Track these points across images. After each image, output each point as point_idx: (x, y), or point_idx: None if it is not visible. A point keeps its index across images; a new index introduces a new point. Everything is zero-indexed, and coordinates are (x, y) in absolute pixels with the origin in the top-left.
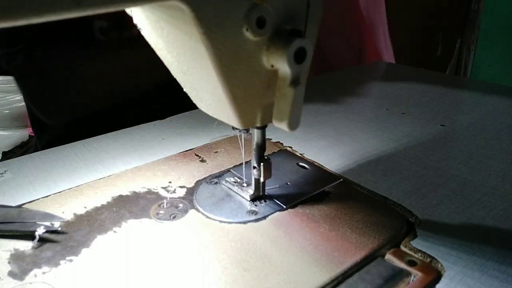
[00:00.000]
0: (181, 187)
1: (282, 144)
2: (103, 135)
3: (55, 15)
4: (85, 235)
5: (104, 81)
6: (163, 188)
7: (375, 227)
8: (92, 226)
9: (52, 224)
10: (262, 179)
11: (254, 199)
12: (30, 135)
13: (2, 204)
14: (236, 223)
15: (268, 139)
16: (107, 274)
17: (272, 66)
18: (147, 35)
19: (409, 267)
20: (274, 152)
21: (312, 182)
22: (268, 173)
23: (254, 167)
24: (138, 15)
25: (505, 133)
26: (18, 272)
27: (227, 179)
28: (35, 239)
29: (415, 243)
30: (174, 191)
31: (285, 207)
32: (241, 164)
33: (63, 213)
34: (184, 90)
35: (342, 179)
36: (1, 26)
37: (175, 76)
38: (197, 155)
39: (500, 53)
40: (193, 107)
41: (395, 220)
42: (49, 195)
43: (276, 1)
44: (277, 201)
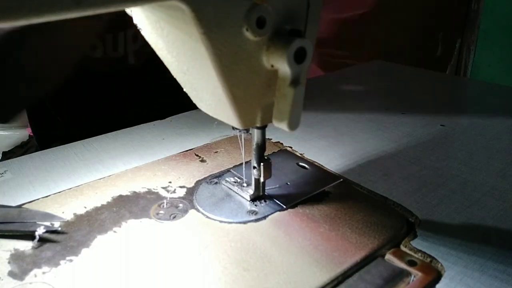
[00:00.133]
0: (181, 187)
1: (282, 144)
2: (103, 135)
3: (55, 15)
4: (85, 235)
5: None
6: (163, 188)
7: (375, 227)
8: (92, 226)
9: (52, 224)
10: (262, 179)
11: (254, 199)
12: (30, 135)
13: (2, 204)
14: (236, 223)
15: (268, 139)
16: (107, 274)
17: (272, 66)
18: (147, 35)
19: (409, 267)
20: (274, 152)
21: (312, 182)
22: (268, 173)
23: (254, 167)
24: (138, 15)
25: (505, 133)
26: (18, 272)
27: (227, 179)
28: (35, 239)
29: (415, 243)
30: (174, 191)
31: (285, 207)
32: (241, 164)
33: (63, 213)
34: (184, 90)
35: (342, 179)
36: (1, 26)
37: (175, 76)
38: (197, 155)
39: (500, 53)
40: (193, 107)
41: (395, 220)
42: (49, 195)
43: (276, 1)
44: (277, 201)
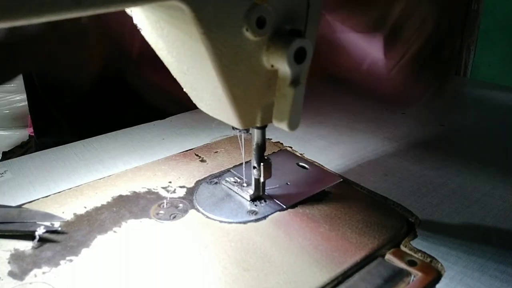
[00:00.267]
0: (181, 187)
1: (282, 144)
2: (103, 135)
3: (55, 15)
4: (85, 235)
5: None
6: (163, 188)
7: (375, 227)
8: (92, 226)
9: (52, 224)
10: (262, 179)
11: (254, 199)
12: (30, 135)
13: (2, 204)
14: (236, 223)
15: (268, 139)
16: (107, 274)
17: (272, 66)
18: (147, 35)
19: (409, 267)
20: (274, 152)
21: (312, 182)
22: (268, 173)
23: (254, 167)
24: (138, 15)
25: (505, 133)
26: (18, 272)
27: (227, 179)
28: (35, 239)
29: (415, 243)
30: (174, 191)
31: (285, 207)
32: (241, 164)
33: (63, 213)
34: (184, 90)
35: (342, 179)
36: (1, 26)
37: (175, 76)
38: (197, 155)
39: (500, 53)
40: (193, 107)
41: (395, 220)
42: (49, 195)
43: (276, 1)
44: (277, 201)
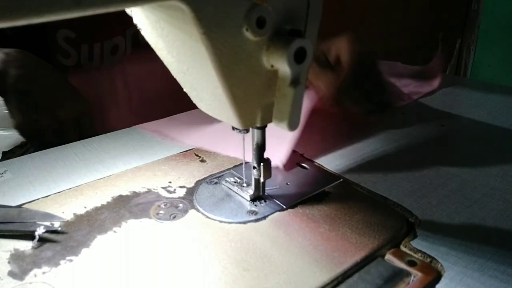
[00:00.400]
0: (181, 187)
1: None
2: (103, 135)
3: (55, 15)
4: (85, 235)
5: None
6: (163, 188)
7: (375, 227)
8: (92, 226)
9: (52, 224)
10: (262, 179)
11: (254, 199)
12: None
13: (2, 204)
14: (236, 223)
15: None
16: (107, 274)
17: (272, 66)
18: (147, 35)
19: (409, 267)
20: None
21: (312, 182)
22: (268, 173)
23: (254, 167)
24: (138, 15)
25: (505, 133)
26: (18, 272)
27: (227, 179)
28: (35, 239)
29: (415, 243)
30: (174, 191)
31: (285, 207)
32: (241, 164)
33: (63, 213)
34: (184, 90)
35: (342, 179)
36: (1, 26)
37: (175, 76)
38: (197, 155)
39: (500, 53)
40: (193, 107)
41: (395, 220)
42: (49, 195)
43: (276, 1)
44: (277, 201)
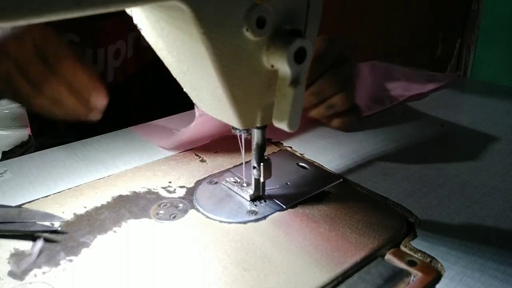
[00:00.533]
0: (181, 187)
1: (282, 144)
2: (103, 135)
3: (55, 15)
4: (85, 235)
5: None
6: (163, 188)
7: (375, 227)
8: (92, 226)
9: (52, 224)
10: (262, 179)
11: (254, 199)
12: (30, 135)
13: (2, 204)
14: (236, 223)
15: (268, 139)
16: (107, 274)
17: (272, 66)
18: (147, 35)
19: (409, 267)
20: (274, 152)
21: (312, 182)
22: (268, 173)
23: (254, 167)
24: (138, 15)
25: (505, 133)
26: (18, 272)
27: (227, 179)
28: (34, 243)
29: (415, 243)
30: (174, 191)
31: (285, 207)
32: (241, 164)
33: (63, 213)
34: (184, 90)
35: (342, 179)
36: (1, 26)
37: (175, 76)
38: (197, 155)
39: (500, 53)
40: (193, 107)
41: (395, 220)
42: (49, 195)
43: (276, 1)
44: (277, 201)
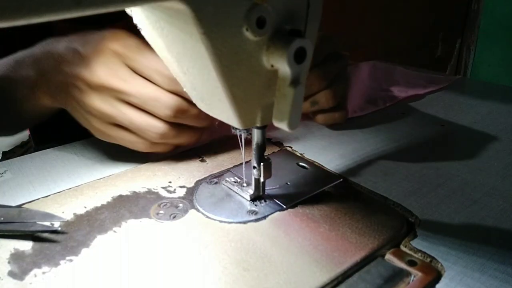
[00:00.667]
0: (181, 187)
1: (282, 144)
2: None
3: (55, 15)
4: (85, 235)
5: None
6: (163, 188)
7: (375, 227)
8: (92, 226)
9: (52, 224)
10: (262, 179)
11: (254, 199)
12: (30, 135)
13: (2, 204)
14: (236, 223)
15: (268, 139)
16: (107, 274)
17: (272, 66)
18: (147, 35)
19: (409, 267)
20: (274, 152)
21: (312, 182)
22: (268, 173)
23: (254, 167)
24: (138, 15)
25: (505, 133)
26: (18, 272)
27: (227, 179)
28: (34, 241)
29: (415, 243)
30: (174, 191)
31: (285, 207)
32: (241, 164)
33: (63, 213)
34: (184, 90)
35: (342, 179)
36: (1, 26)
37: (175, 76)
38: (197, 155)
39: (500, 53)
40: None
41: (395, 220)
42: (49, 195)
43: (276, 1)
44: (277, 201)
